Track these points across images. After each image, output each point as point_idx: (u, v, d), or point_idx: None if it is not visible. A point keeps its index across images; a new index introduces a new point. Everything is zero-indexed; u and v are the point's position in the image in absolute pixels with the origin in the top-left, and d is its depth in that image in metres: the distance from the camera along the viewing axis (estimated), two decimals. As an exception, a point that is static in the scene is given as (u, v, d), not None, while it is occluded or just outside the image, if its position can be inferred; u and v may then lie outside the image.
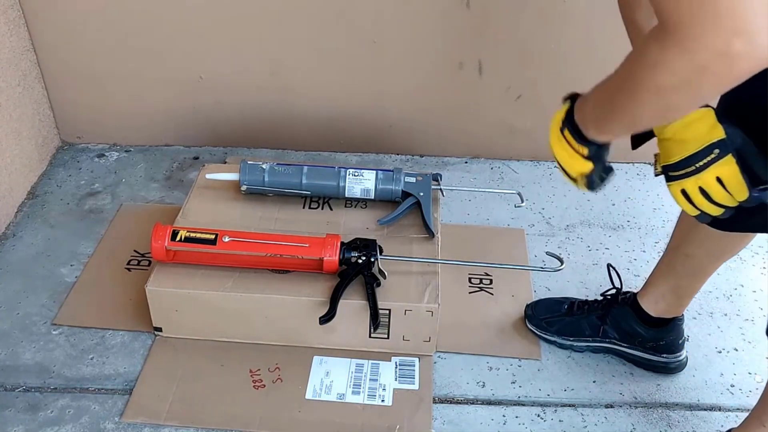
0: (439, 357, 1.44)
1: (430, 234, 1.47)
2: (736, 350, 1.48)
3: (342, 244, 1.37)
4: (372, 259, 1.36)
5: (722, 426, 1.32)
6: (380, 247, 1.38)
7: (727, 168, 0.88)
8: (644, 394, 1.38)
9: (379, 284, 1.35)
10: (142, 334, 1.47)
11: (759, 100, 0.88)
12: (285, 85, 1.93)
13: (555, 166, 0.98)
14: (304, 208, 1.55)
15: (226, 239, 1.36)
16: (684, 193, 0.92)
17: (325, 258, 1.35)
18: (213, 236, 1.36)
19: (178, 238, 1.36)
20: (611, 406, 1.37)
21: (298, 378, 1.37)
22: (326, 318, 1.30)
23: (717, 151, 0.88)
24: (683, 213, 1.21)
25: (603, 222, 1.81)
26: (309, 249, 1.36)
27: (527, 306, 1.50)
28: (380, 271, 1.36)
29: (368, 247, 1.37)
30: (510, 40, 1.80)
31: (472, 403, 1.36)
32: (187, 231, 1.37)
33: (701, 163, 0.89)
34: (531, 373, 1.42)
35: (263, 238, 1.38)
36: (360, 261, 1.36)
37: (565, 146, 0.92)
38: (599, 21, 1.73)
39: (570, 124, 0.90)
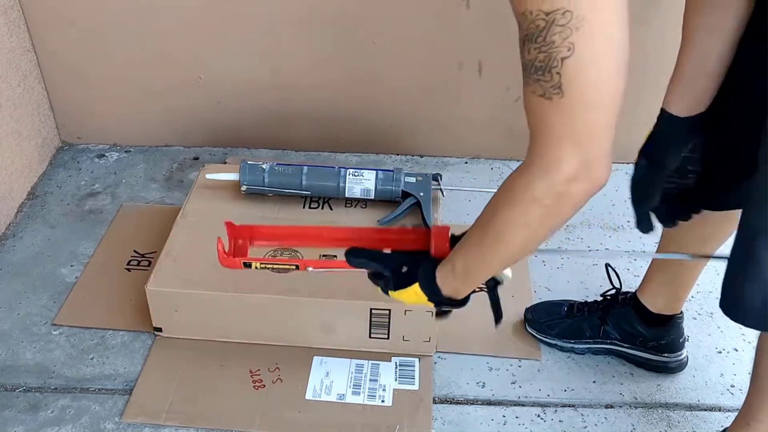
0: (439, 357, 1.44)
1: (430, 234, 1.47)
2: (736, 350, 1.48)
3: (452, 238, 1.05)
4: None
5: (722, 426, 1.32)
6: None
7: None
8: (644, 395, 1.38)
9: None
10: (142, 334, 1.47)
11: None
12: (285, 85, 1.93)
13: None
14: (304, 208, 1.55)
15: (310, 270, 1.12)
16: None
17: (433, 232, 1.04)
18: (293, 267, 1.13)
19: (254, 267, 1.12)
20: (611, 407, 1.37)
21: (298, 378, 1.37)
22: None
23: None
24: None
25: (603, 222, 1.81)
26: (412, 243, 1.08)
27: (527, 310, 1.49)
28: None
29: None
30: (510, 40, 1.79)
31: (472, 404, 1.36)
32: (261, 263, 1.13)
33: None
34: (531, 374, 1.42)
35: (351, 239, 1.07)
36: None
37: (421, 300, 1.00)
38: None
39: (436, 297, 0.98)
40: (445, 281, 0.96)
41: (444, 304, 1.00)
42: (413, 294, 0.99)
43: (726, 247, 1.68)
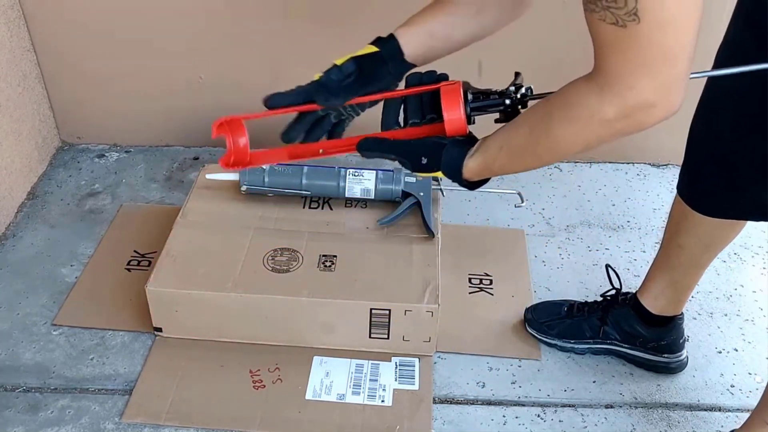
0: (439, 357, 1.44)
1: (430, 234, 1.47)
2: (736, 350, 1.48)
3: (466, 92, 1.05)
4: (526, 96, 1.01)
5: (722, 426, 1.32)
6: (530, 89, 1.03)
7: None
8: (644, 395, 1.38)
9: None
10: (142, 334, 1.47)
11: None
12: (285, 85, 1.92)
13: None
14: (304, 208, 1.55)
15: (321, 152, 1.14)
16: None
17: (445, 117, 1.01)
18: None
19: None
20: (611, 407, 1.37)
21: (298, 378, 1.37)
22: None
23: None
24: (675, 204, 1.25)
25: (603, 222, 1.81)
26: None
27: (527, 310, 1.49)
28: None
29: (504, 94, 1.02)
30: (510, 40, 1.80)
31: (472, 404, 1.36)
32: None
33: None
34: (531, 374, 1.42)
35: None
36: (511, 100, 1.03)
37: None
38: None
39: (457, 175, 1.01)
40: (474, 171, 0.98)
41: (466, 187, 1.02)
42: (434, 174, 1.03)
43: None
